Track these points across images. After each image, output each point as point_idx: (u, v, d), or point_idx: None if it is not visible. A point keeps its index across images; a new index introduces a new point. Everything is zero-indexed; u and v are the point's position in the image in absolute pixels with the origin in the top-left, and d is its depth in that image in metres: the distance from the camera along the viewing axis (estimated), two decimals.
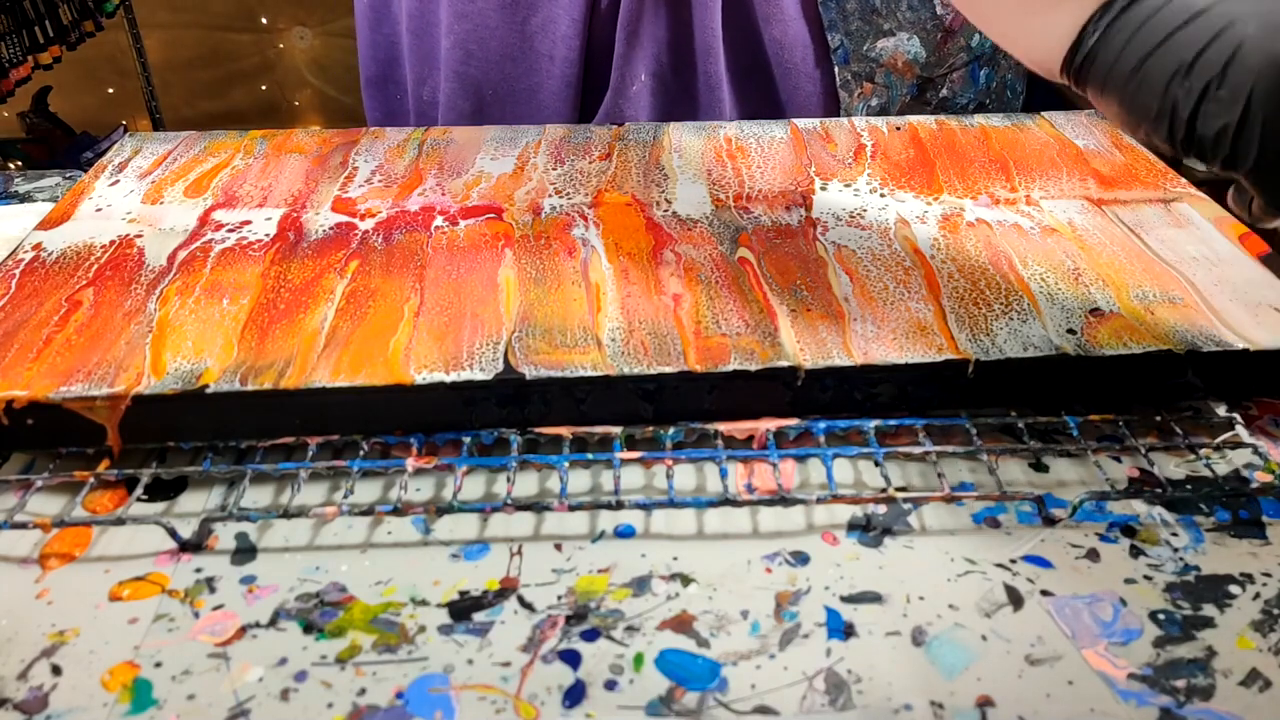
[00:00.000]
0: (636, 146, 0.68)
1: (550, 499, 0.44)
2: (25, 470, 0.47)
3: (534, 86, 0.78)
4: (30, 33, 1.97)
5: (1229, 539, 0.44)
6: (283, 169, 0.65)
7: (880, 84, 0.88)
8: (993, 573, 0.42)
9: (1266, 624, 0.40)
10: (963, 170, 0.65)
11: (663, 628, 0.39)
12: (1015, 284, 0.53)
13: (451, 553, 0.43)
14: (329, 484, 0.47)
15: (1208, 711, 0.36)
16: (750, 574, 0.42)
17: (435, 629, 0.39)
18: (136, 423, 0.45)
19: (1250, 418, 0.50)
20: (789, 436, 0.48)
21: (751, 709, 0.36)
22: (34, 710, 0.36)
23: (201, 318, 0.50)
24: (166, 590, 0.41)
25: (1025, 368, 0.48)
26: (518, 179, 0.64)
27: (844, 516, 0.45)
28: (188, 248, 0.56)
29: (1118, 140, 0.69)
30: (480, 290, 0.52)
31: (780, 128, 0.70)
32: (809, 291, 0.52)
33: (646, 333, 0.49)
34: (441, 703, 0.36)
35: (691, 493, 0.46)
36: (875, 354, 0.47)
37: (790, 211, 0.60)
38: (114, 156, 0.68)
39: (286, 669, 0.38)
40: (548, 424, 0.47)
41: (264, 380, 0.46)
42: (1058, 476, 0.47)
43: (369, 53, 0.88)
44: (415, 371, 0.46)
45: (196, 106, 2.76)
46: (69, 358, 0.47)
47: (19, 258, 0.55)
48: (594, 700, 0.37)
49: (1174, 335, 0.49)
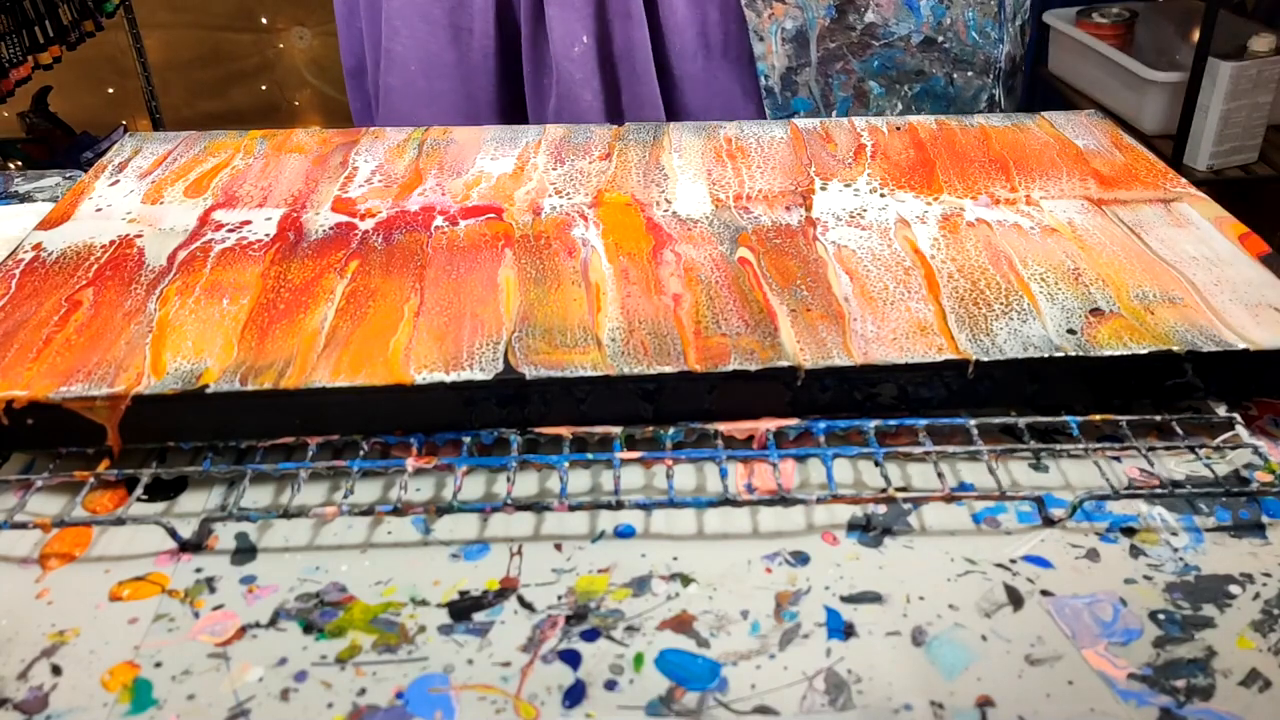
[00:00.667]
0: (636, 146, 0.68)
1: (550, 499, 0.44)
2: (25, 470, 0.47)
3: (457, 60, 0.85)
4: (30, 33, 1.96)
5: (1229, 539, 0.44)
6: (283, 169, 0.65)
7: (793, 3, 0.83)
8: (993, 573, 0.42)
9: (1266, 624, 0.40)
10: (963, 170, 0.65)
11: (663, 628, 0.39)
12: (1015, 284, 0.53)
13: (451, 553, 0.43)
14: (329, 484, 0.47)
15: (1208, 711, 0.36)
16: (750, 574, 0.42)
17: (435, 629, 0.39)
18: (136, 423, 0.45)
19: (1250, 418, 0.50)
20: (789, 436, 0.48)
21: (751, 709, 0.36)
22: (34, 710, 0.36)
23: (201, 318, 0.50)
24: (166, 590, 0.41)
25: (1025, 368, 0.48)
26: (518, 179, 0.64)
27: (844, 516, 0.45)
28: (188, 248, 0.56)
29: (1118, 140, 0.69)
30: (480, 290, 0.52)
31: (780, 128, 0.70)
32: (809, 291, 0.52)
33: (646, 333, 0.49)
34: (441, 703, 0.36)
35: (691, 493, 0.46)
36: (875, 354, 0.47)
37: (790, 211, 0.60)
38: (114, 156, 0.68)
39: (286, 669, 0.38)
40: (548, 424, 0.47)
41: (264, 380, 0.46)
42: (1058, 476, 0.47)
43: (346, 46, 0.96)
44: (415, 371, 0.46)
45: (196, 106, 2.76)
46: (69, 358, 0.47)
47: (19, 258, 0.55)
48: (594, 700, 0.37)
49: (1174, 335, 0.49)
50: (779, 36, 0.84)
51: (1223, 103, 1.62)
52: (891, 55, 0.87)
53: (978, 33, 0.87)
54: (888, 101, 0.88)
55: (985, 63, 0.88)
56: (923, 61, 0.87)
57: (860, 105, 0.88)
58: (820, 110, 0.88)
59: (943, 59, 0.87)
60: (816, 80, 0.86)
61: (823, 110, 0.88)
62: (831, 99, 0.88)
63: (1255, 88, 1.62)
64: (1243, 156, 1.69)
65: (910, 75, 0.87)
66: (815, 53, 0.86)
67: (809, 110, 0.88)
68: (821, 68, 0.86)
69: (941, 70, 0.87)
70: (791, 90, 0.87)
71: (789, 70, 0.86)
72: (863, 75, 0.87)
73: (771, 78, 0.86)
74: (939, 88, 0.88)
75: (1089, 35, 1.84)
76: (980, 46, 0.88)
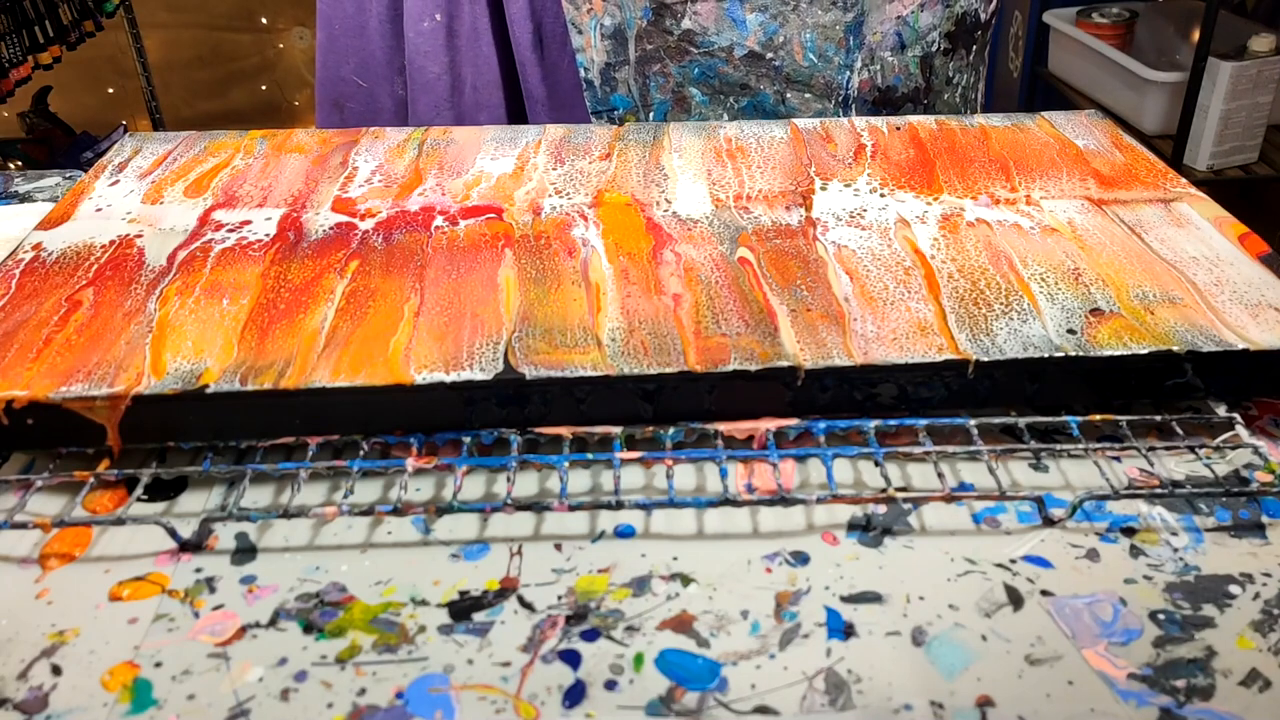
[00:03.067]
0: (636, 146, 0.68)
1: (550, 499, 0.44)
2: (25, 470, 0.47)
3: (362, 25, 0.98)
4: (30, 33, 1.96)
5: (1229, 539, 0.44)
6: (283, 169, 0.65)
7: (612, 1, 0.82)
8: (993, 573, 0.42)
9: (1266, 624, 0.40)
10: (963, 170, 0.65)
11: (663, 628, 0.39)
12: (1015, 284, 0.53)
13: (451, 553, 0.43)
14: (329, 484, 0.47)
15: (1208, 711, 0.36)
16: (750, 574, 0.42)
17: (435, 629, 0.39)
18: (136, 423, 0.45)
19: (1250, 418, 0.50)
20: (789, 436, 0.48)
21: (751, 709, 0.36)
22: (34, 710, 0.36)
23: (201, 318, 0.50)
24: (166, 590, 0.41)
25: (1025, 368, 0.48)
26: (518, 179, 0.64)
27: (844, 516, 0.45)
28: (188, 248, 0.56)
29: (1118, 140, 0.69)
30: (480, 290, 0.52)
31: (780, 127, 0.70)
32: (809, 291, 0.52)
33: (646, 333, 0.49)
34: (441, 703, 0.36)
35: (691, 493, 0.46)
36: (875, 354, 0.47)
37: (790, 211, 0.60)
38: (114, 156, 0.68)
39: (286, 669, 0.38)
40: (548, 424, 0.47)
41: (264, 380, 0.46)
42: (1058, 476, 0.47)
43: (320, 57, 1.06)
44: (415, 371, 0.46)
45: (196, 106, 2.76)
46: (69, 358, 0.47)
47: (19, 258, 0.55)
48: (594, 700, 0.37)
49: (1174, 335, 0.49)
50: (598, 32, 0.84)
51: (1223, 103, 1.62)
52: (713, 65, 0.85)
53: (815, 55, 0.84)
54: (712, 111, 0.87)
55: (826, 86, 0.86)
56: (748, 76, 0.85)
57: (681, 110, 0.88)
58: (639, 110, 0.89)
59: (772, 76, 0.85)
60: (635, 79, 0.86)
61: (641, 110, 0.89)
62: (650, 100, 0.88)
63: (1255, 88, 1.62)
64: (1243, 156, 1.69)
65: (735, 88, 0.86)
66: (633, 52, 0.85)
67: (629, 108, 0.89)
68: (639, 68, 0.86)
69: (771, 88, 0.86)
70: (611, 86, 0.88)
71: (608, 66, 0.86)
72: (681, 81, 0.86)
73: (591, 71, 0.87)
74: (768, 104, 0.87)
75: (1089, 35, 1.84)
76: (819, 69, 0.85)
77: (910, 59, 0.87)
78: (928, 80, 0.89)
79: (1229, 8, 1.81)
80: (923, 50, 0.87)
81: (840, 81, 0.86)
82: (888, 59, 0.86)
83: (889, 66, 0.86)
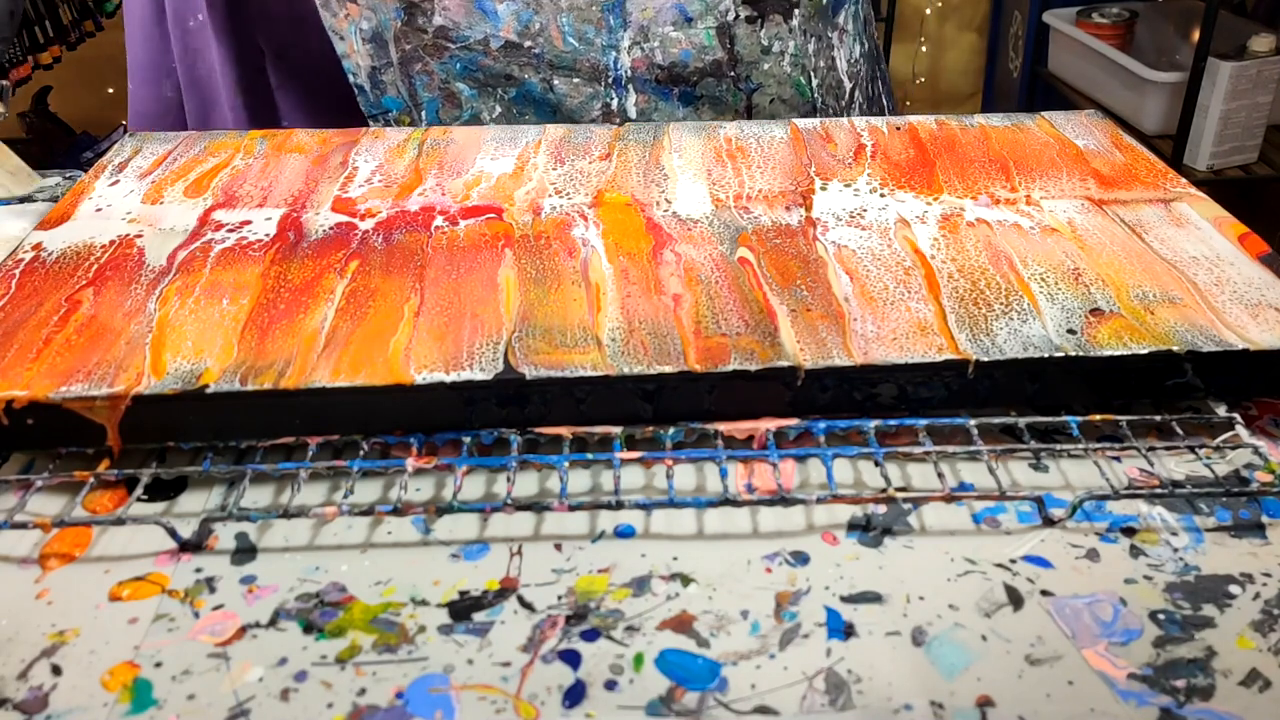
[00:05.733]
0: (636, 146, 0.68)
1: (550, 499, 0.44)
2: (25, 470, 0.47)
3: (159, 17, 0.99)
4: (30, 33, 1.96)
5: (1229, 539, 0.44)
6: (283, 169, 0.65)
7: (365, 5, 0.82)
8: (993, 573, 0.42)
9: (1266, 624, 0.40)
10: (963, 170, 0.65)
11: (663, 628, 0.39)
12: (1015, 284, 0.53)
13: (451, 553, 0.43)
14: (329, 484, 0.47)
15: (1208, 711, 0.36)
16: (750, 574, 0.42)
17: (435, 629, 0.39)
18: (136, 423, 0.45)
19: (1250, 418, 0.50)
20: (789, 436, 0.48)
21: (751, 709, 0.36)
22: (34, 710, 0.36)
23: (201, 318, 0.50)
24: (166, 590, 0.41)
25: (1025, 368, 0.48)
26: (518, 179, 0.64)
27: (844, 516, 0.45)
28: (188, 248, 0.56)
29: (1118, 140, 0.69)
30: (480, 290, 0.52)
31: (780, 128, 0.70)
32: (809, 291, 0.52)
33: (646, 333, 0.49)
34: (441, 703, 0.36)
35: (691, 493, 0.46)
36: (875, 354, 0.47)
37: (790, 211, 0.60)
38: (114, 156, 0.68)
39: (286, 669, 0.38)
40: (548, 424, 0.47)
41: (264, 380, 0.46)
42: (1058, 476, 0.47)
43: None
44: (415, 371, 0.46)
45: None
46: (69, 358, 0.47)
47: (19, 258, 0.55)
48: (594, 700, 0.37)
49: (1174, 335, 0.49)
50: (358, 36, 0.83)
51: (1223, 103, 1.62)
52: (473, 58, 0.84)
53: (575, 38, 0.83)
54: (483, 104, 0.86)
55: (593, 69, 0.84)
56: (509, 66, 0.84)
57: (453, 107, 0.87)
58: (412, 110, 0.88)
59: (535, 64, 0.84)
60: (401, 80, 0.86)
61: (414, 110, 0.88)
62: (420, 99, 0.88)
63: (1255, 88, 1.62)
64: (1243, 156, 1.69)
65: (500, 79, 0.85)
66: (394, 53, 0.85)
67: (401, 109, 0.88)
68: (403, 68, 0.85)
69: (536, 75, 0.85)
70: (380, 89, 0.87)
71: (374, 69, 0.86)
72: (445, 77, 0.85)
73: (359, 76, 0.86)
74: (536, 92, 0.86)
75: (1089, 35, 1.84)
76: (581, 53, 0.84)
77: (703, 31, 0.84)
78: (731, 52, 0.86)
79: (1229, 8, 1.81)
80: (716, 20, 0.84)
81: (606, 63, 0.84)
82: (670, 34, 0.84)
83: (671, 42, 0.84)
